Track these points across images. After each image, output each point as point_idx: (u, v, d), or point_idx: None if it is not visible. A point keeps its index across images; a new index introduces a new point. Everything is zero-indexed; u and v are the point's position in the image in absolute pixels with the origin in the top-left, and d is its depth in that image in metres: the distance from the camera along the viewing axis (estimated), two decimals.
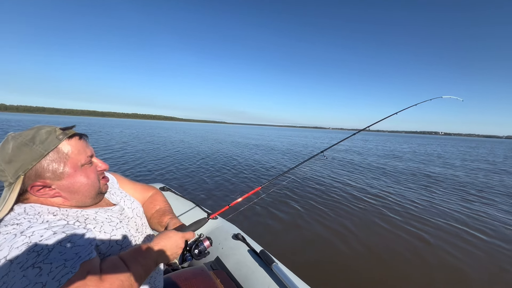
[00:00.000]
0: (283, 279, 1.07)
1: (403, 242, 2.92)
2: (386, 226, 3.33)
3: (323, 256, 2.54)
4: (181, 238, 0.70)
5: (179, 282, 1.05)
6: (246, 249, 1.34)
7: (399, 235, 3.09)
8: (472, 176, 7.71)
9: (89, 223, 0.63)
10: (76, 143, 0.63)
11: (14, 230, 0.49)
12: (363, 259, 2.50)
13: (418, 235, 3.11)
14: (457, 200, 4.82)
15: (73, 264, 0.47)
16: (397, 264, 2.45)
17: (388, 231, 3.20)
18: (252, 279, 1.16)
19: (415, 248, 2.77)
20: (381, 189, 5.34)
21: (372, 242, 2.88)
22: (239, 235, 1.45)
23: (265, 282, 1.12)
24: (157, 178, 5.51)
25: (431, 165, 9.73)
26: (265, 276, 1.15)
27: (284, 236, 2.92)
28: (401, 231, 3.20)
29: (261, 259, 1.24)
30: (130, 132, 22.19)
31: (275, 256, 1.27)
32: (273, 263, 1.16)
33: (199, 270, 1.15)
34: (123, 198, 0.84)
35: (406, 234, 3.13)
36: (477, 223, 3.64)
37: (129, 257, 0.58)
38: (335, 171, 7.30)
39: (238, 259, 1.29)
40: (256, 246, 1.38)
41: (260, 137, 25.44)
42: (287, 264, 1.24)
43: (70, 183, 0.62)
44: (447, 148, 22.28)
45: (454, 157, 13.80)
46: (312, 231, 3.11)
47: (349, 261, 2.46)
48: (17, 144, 0.57)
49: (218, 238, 1.49)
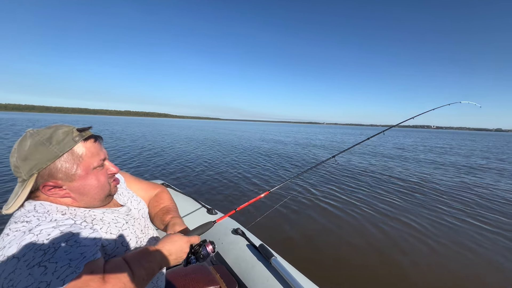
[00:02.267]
0: (282, 272, 1.08)
1: (400, 237, 2.97)
2: (387, 222, 3.39)
3: (322, 250, 2.58)
4: (186, 242, 0.70)
5: (179, 277, 1.06)
6: (245, 244, 1.35)
7: (397, 228, 3.15)
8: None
9: (96, 223, 0.63)
10: (91, 145, 0.64)
11: (23, 228, 0.50)
12: (363, 254, 2.53)
13: (410, 225, 3.17)
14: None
15: (78, 264, 0.48)
16: (396, 259, 2.49)
17: (389, 226, 3.25)
18: (251, 273, 1.17)
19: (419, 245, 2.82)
20: (380, 187, 5.41)
21: (372, 237, 2.92)
22: (239, 230, 1.46)
23: (265, 276, 1.12)
24: (157, 175, 5.49)
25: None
26: (264, 270, 1.15)
27: (284, 231, 2.95)
28: (395, 227, 3.25)
29: (260, 253, 1.24)
30: (122, 129, 22.02)
31: (275, 250, 1.28)
32: (272, 257, 1.17)
33: (199, 265, 1.16)
34: (130, 199, 0.85)
35: (402, 227, 3.18)
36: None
37: (133, 259, 0.58)
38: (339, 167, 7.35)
39: (238, 254, 1.30)
40: (256, 241, 1.38)
41: (261, 133, 25.46)
42: (286, 258, 1.25)
43: (81, 185, 0.62)
44: (463, 142, 21.82)
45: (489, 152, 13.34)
46: (312, 225, 3.14)
47: (348, 255, 2.49)
48: (34, 142, 0.57)
49: (218, 233, 1.50)
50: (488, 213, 3.76)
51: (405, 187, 5.12)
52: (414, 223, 3.27)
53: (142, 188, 0.98)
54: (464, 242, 2.80)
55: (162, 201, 0.98)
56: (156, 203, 0.97)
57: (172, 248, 0.66)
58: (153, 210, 0.95)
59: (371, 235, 2.91)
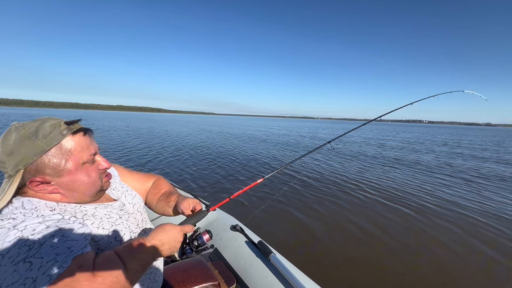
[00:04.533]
0: (281, 269, 1.08)
1: (401, 233, 2.98)
2: (390, 217, 3.39)
3: (321, 247, 2.59)
4: (179, 231, 0.68)
5: (178, 273, 1.05)
6: (244, 240, 1.35)
7: (404, 225, 3.16)
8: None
9: (87, 218, 0.61)
10: (80, 139, 0.61)
11: (8, 225, 0.49)
12: (363, 251, 2.54)
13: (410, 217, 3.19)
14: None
15: (65, 258, 0.46)
16: (397, 255, 2.51)
17: (387, 219, 3.26)
18: (250, 270, 1.17)
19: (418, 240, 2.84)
20: (380, 182, 5.40)
21: (373, 232, 2.93)
22: (237, 226, 1.45)
23: (263, 272, 1.13)
24: (151, 170, 5.44)
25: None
26: (263, 266, 1.16)
27: (282, 227, 2.96)
28: (397, 221, 3.26)
29: (259, 250, 1.24)
30: (114, 124, 21.72)
31: (273, 246, 1.28)
32: (271, 254, 1.17)
33: (197, 261, 1.15)
34: (124, 193, 0.83)
35: (398, 222, 3.20)
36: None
37: (124, 252, 0.56)
38: (336, 161, 7.35)
39: (236, 250, 1.30)
40: (254, 237, 1.38)
41: (254, 128, 25.30)
42: (285, 255, 1.25)
43: (70, 181, 0.60)
44: (467, 138, 21.89)
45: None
46: (311, 222, 3.15)
47: (347, 252, 2.50)
48: (19, 136, 0.55)
49: (217, 229, 1.50)
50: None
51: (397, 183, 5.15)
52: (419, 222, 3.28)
53: (137, 180, 0.96)
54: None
55: (162, 187, 0.96)
56: (155, 190, 0.95)
57: (164, 237, 0.63)
58: (154, 198, 0.93)
59: (371, 230, 2.92)
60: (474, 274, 2.26)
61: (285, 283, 1.04)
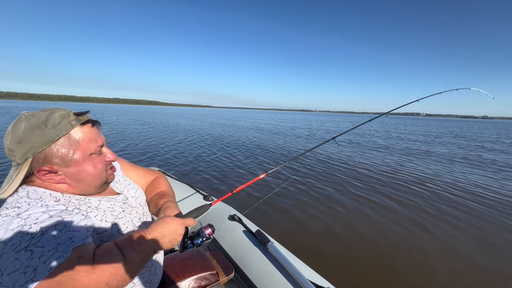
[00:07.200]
0: (279, 257, 1.09)
1: (394, 229, 3.05)
2: (383, 207, 3.49)
3: (319, 236, 2.64)
4: (180, 224, 0.67)
5: (176, 263, 1.06)
6: (242, 230, 1.36)
7: (396, 221, 3.24)
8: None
9: (90, 211, 0.62)
10: (88, 130, 0.62)
11: (13, 213, 0.50)
12: (359, 240, 2.59)
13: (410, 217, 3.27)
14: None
15: (65, 248, 0.46)
16: (391, 247, 2.56)
17: (384, 216, 3.34)
18: (248, 259, 1.18)
19: (412, 237, 2.90)
20: (378, 175, 5.52)
21: (371, 224, 3.00)
22: (235, 216, 1.46)
23: (261, 261, 1.14)
24: (152, 163, 5.43)
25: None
26: (260, 255, 1.17)
27: (281, 219, 3.00)
28: (389, 218, 3.34)
29: (257, 239, 1.25)
30: (109, 117, 21.51)
31: (271, 235, 1.28)
32: (269, 243, 1.18)
33: (196, 251, 1.16)
34: (127, 187, 0.84)
35: (395, 220, 3.28)
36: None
37: (124, 243, 0.56)
38: (342, 153, 7.42)
39: (234, 240, 1.31)
40: (252, 226, 1.39)
41: (255, 121, 25.17)
42: (282, 243, 1.27)
43: (77, 171, 0.61)
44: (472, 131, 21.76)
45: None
46: (310, 213, 3.20)
47: (344, 242, 2.54)
48: (29, 125, 0.56)
49: (215, 219, 1.50)
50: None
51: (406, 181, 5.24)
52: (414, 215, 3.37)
53: (139, 175, 0.97)
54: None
55: (158, 187, 0.97)
56: (152, 188, 0.96)
57: (165, 230, 0.63)
58: (149, 195, 0.94)
59: (368, 221, 2.98)
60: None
61: (283, 271, 1.05)
